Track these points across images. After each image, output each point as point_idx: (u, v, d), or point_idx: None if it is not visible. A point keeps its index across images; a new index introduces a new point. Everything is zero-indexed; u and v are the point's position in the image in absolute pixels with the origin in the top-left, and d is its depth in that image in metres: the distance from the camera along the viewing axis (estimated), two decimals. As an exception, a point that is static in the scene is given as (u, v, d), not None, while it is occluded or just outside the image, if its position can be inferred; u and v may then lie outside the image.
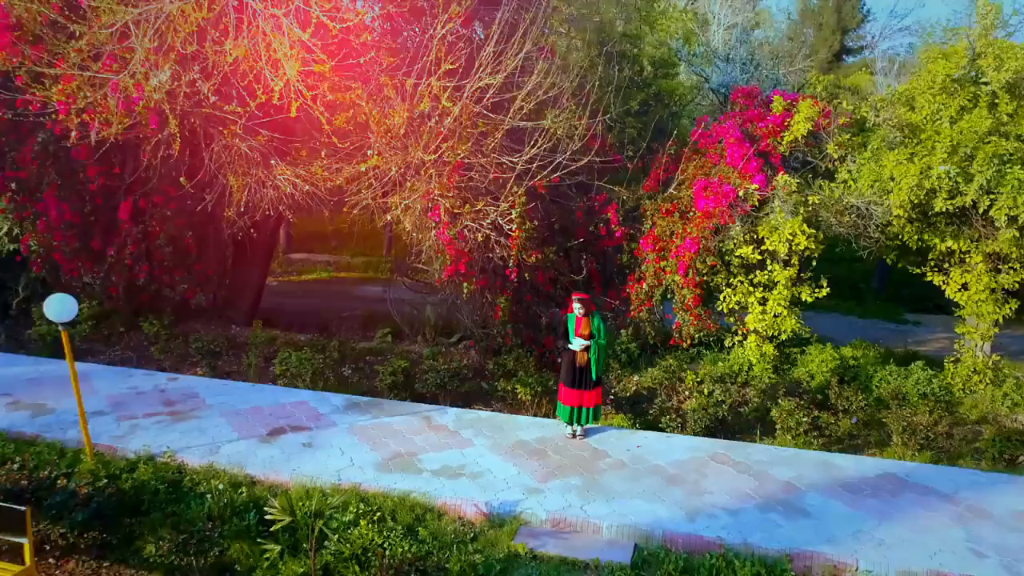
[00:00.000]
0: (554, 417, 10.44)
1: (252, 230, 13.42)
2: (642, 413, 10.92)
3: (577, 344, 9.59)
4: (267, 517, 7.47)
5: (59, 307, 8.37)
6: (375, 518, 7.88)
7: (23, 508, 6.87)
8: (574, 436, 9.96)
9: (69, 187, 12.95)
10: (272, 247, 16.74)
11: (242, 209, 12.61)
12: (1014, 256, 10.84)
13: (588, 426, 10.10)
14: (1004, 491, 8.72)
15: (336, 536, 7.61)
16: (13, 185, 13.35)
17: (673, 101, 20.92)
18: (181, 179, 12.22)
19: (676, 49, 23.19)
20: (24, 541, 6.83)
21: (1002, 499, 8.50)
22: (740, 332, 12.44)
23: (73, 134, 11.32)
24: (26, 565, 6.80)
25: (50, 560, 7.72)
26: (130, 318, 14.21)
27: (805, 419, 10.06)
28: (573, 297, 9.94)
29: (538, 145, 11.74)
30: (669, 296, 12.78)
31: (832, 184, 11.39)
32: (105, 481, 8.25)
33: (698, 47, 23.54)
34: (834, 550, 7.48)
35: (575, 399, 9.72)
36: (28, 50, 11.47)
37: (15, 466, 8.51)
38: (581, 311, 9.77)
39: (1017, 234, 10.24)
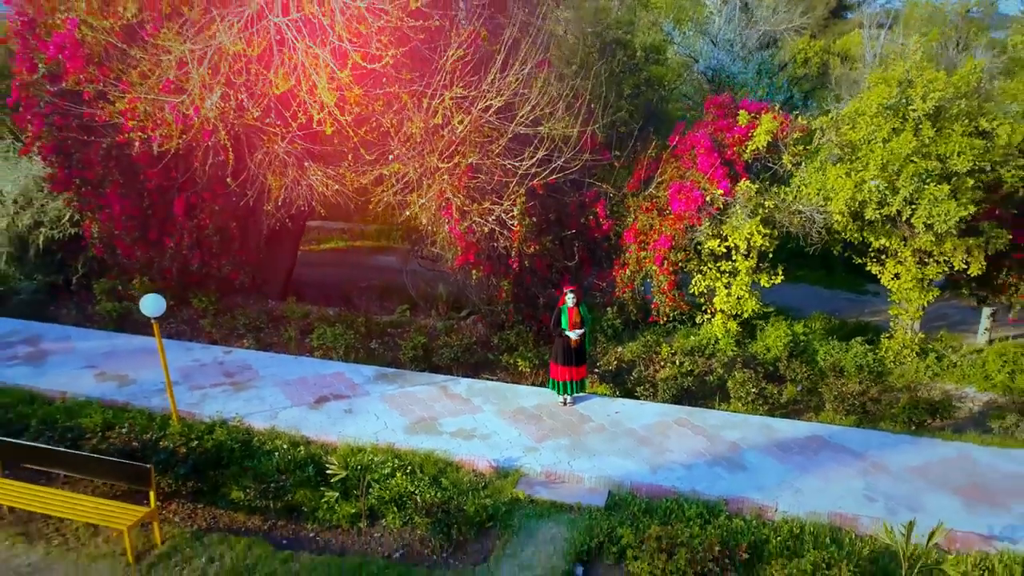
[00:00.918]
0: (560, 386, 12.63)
1: (288, 220, 15.49)
2: (622, 383, 13.12)
3: (575, 335, 11.72)
4: (327, 471, 9.72)
5: (154, 304, 10.49)
6: (407, 471, 10.15)
7: (148, 465, 9.13)
8: (565, 404, 12.19)
9: (130, 186, 14.91)
10: (301, 232, 18.71)
11: (280, 204, 14.64)
12: (936, 253, 12.88)
13: (577, 395, 12.32)
14: (905, 450, 10.97)
15: (378, 485, 9.86)
16: (77, 181, 15.30)
17: (662, 86, 22.51)
18: (228, 180, 14.16)
19: (668, 32, 24.69)
20: (150, 492, 9.10)
21: (901, 457, 10.76)
22: (709, 311, 14.56)
23: (136, 144, 13.26)
24: (151, 507, 9.08)
25: (157, 503, 9.99)
26: (180, 295, 16.32)
27: (753, 389, 12.28)
28: (566, 289, 12.02)
29: (537, 151, 13.67)
30: (649, 279, 14.87)
31: (786, 189, 13.34)
32: (196, 442, 10.50)
33: (688, 30, 24.93)
34: (761, 496, 9.77)
35: (566, 375, 11.93)
36: (96, 71, 13.30)
37: (123, 430, 10.73)
38: (573, 301, 11.88)
39: (934, 237, 12.26)
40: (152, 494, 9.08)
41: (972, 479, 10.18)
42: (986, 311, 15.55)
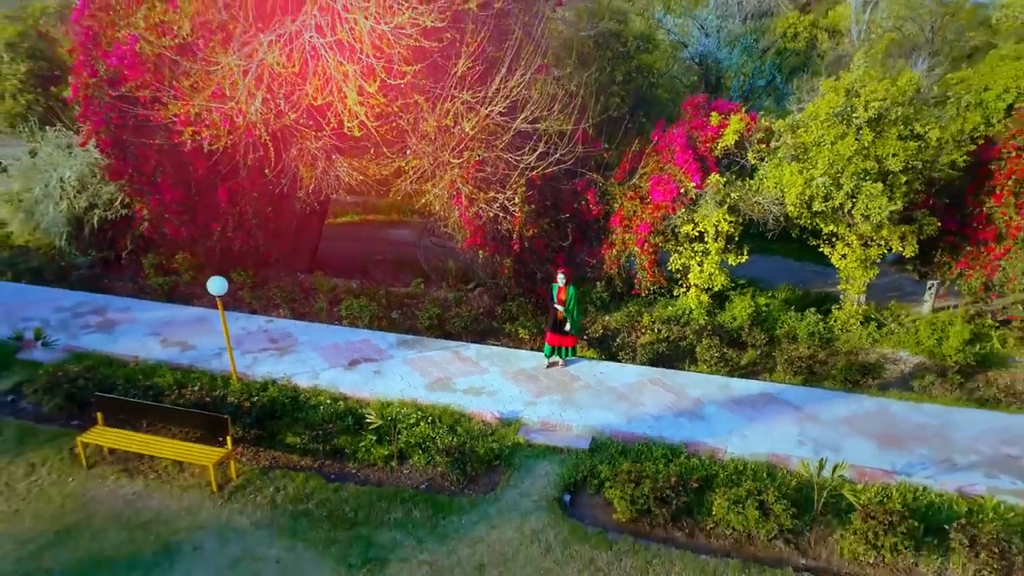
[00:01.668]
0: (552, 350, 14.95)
1: (316, 204, 17.65)
2: (607, 348, 15.42)
3: (560, 308, 13.98)
4: (365, 421, 12.09)
5: (218, 285, 12.72)
6: (429, 421, 12.51)
7: (225, 415, 11.48)
8: (556, 365, 14.50)
9: (179, 176, 17.02)
10: (326, 213, 20.81)
11: (310, 191, 16.78)
12: (876, 237, 15.05)
13: (568, 359, 14.63)
14: (836, 404, 13.32)
15: (406, 432, 12.23)
16: (132, 171, 17.39)
17: (652, 73, 24.37)
18: (266, 171, 16.28)
19: (659, 18, 26.39)
20: (227, 437, 11.47)
21: (832, 409, 13.11)
22: (684, 285, 16.80)
23: (189, 142, 15.34)
24: (228, 449, 11.45)
25: (215, 448, 12.36)
26: (221, 270, 18.53)
27: (716, 353, 14.58)
28: (559, 271, 14.22)
29: (536, 146, 15.74)
30: (633, 257, 17.07)
31: (750, 182, 15.45)
32: (255, 398, 12.84)
33: (678, 17, 26.59)
34: (714, 441, 12.14)
35: (556, 341, 14.23)
36: (152, 79, 15.32)
37: (195, 388, 13.06)
38: (563, 281, 14.10)
39: (871, 226, 14.41)
40: (229, 438, 11.44)
41: (886, 428, 12.55)
42: (929, 284, 17.75)
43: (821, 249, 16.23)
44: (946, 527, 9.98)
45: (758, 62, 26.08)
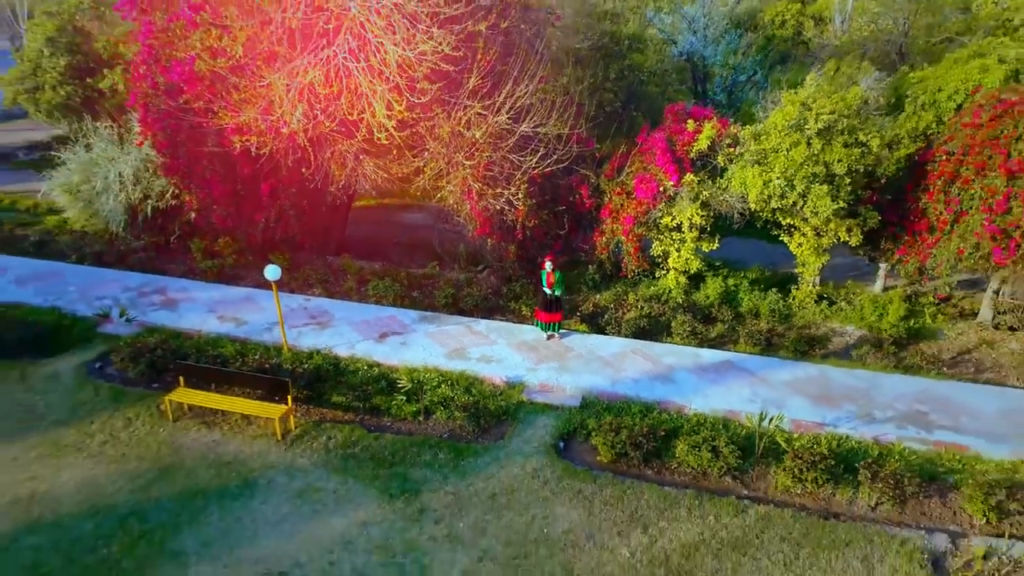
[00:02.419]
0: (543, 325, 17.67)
1: (344, 197, 20.24)
2: (597, 323, 18.12)
3: (548, 292, 16.67)
4: (397, 384, 14.86)
5: (274, 272, 15.41)
6: (449, 383, 15.26)
7: (286, 379, 14.24)
8: (548, 338, 17.21)
9: (226, 174, 19.58)
10: (351, 203, 23.34)
11: (340, 186, 19.36)
12: (826, 229, 17.66)
13: (561, 332, 17.34)
14: (784, 370, 16.06)
15: (430, 392, 14.99)
16: (184, 169, 19.94)
17: (642, 71, 26.70)
18: (303, 170, 18.83)
19: (650, 17, 28.63)
20: (287, 396, 14.23)
21: (780, 374, 15.86)
22: (665, 268, 19.43)
23: (238, 147, 17.89)
24: (288, 406, 14.21)
25: (278, 404, 15.13)
26: (261, 254, 21.19)
27: (689, 328, 17.29)
28: (547, 259, 16.86)
29: (537, 149, 18.26)
30: (621, 244, 19.68)
31: (719, 181, 18.02)
32: (305, 365, 15.59)
33: (667, 16, 28.78)
34: (681, 399, 14.90)
35: (546, 318, 16.95)
36: (206, 92, 17.83)
37: (256, 356, 15.79)
38: (550, 268, 16.75)
39: (820, 220, 17.02)
40: (289, 397, 14.21)
41: (822, 389, 15.32)
42: (882, 266, 20.36)
43: (781, 238, 18.84)
44: (857, 466, 12.77)
45: (741, 58, 28.34)
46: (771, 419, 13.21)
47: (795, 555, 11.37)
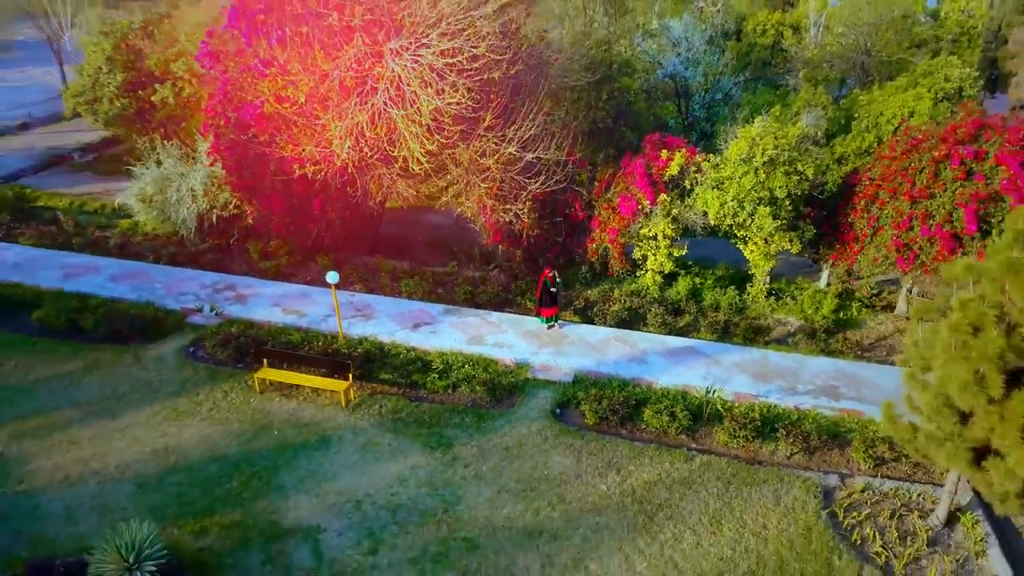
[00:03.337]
0: (544, 318, 21.98)
1: (380, 208, 24.50)
2: (587, 315, 22.46)
3: (553, 289, 21.01)
4: (431, 365, 19.25)
5: (334, 276, 19.70)
6: (471, 364, 19.65)
7: (348, 360, 18.63)
8: (549, 329, 21.56)
9: (284, 191, 23.80)
10: (383, 214, 27.57)
11: (377, 201, 23.61)
12: (771, 240, 21.93)
13: (557, 324, 21.69)
14: (734, 354, 20.42)
15: (456, 371, 19.38)
16: (248, 186, 24.13)
17: (630, 92, 30.72)
18: (348, 189, 23.06)
19: (638, 42, 32.57)
20: (349, 374, 18.62)
21: (730, 357, 20.23)
22: (644, 269, 23.72)
23: (296, 173, 22.11)
24: (350, 382, 18.61)
25: (351, 380, 19.49)
26: (309, 256, 25.49)
27: (660, 319, 21.63)
28: (548, 270, 21.14)
29: (540, 171, 22.43)
30: (608, 249, 23.94)
31: (687, 201, 22.25)
32: (357, 350, 19.98)
33: (653, 45, 32.71)
34: (650, 376, 19.30)
35: (547, 312, 21.30)
36: (270, 127, 22.00)
37: (319, 343, 20.17)
38: (551, 276, 21.04)
39: (765, 235, 21.27)
40: (351, 375, 18.61)
41: (761, 369, 19.70)
42: (824, 266, 24.63)
43: (737, 246, 23.11)
44: (778, 426, 17.19)
45: (717, 78, 32.33)
46: (714, 391, 17.63)
47: (726, 489, 15.84)
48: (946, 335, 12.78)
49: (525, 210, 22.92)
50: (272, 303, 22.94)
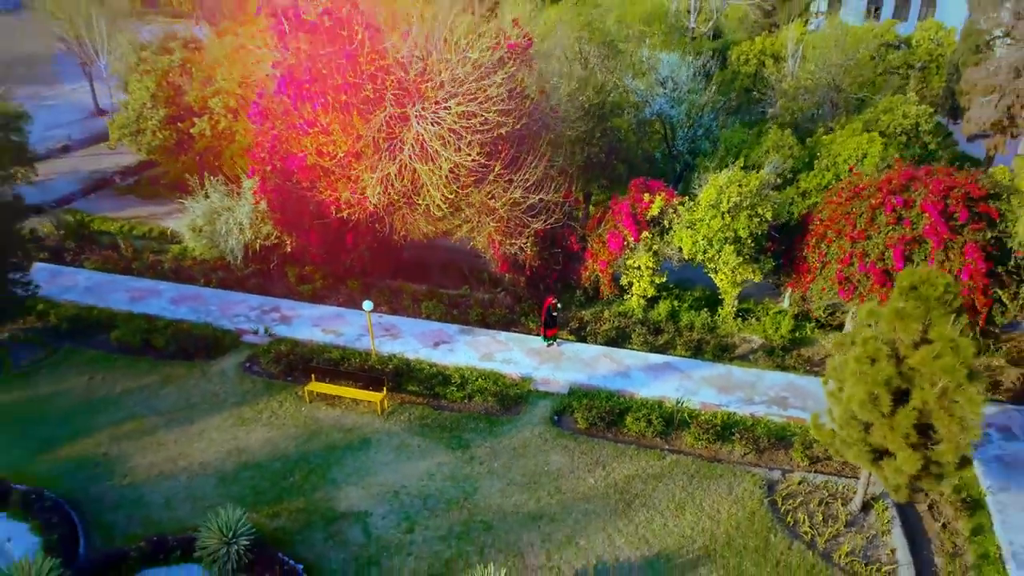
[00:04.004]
0: (546, 338, 25.88)
1: (403, 240, 28.46)
2: (581, 334, 26.39)
3: (555, 315, 24.97)
4: (451, 379, 23.22)
5: (369, 305, 23.64)
6: (482, 378, 23.63)
7: (382, 376, 22.60)
8: (548, 346, 25.51)
9: (321, 227, 27.67)
10: (406, 242, 31.44)
11: (401, 234, 27.54)
12: (737, 270, 25.83)
13: (555, 343, 25.63)
14: (703, 369, 24.37)
15: (471, 383, 23.35)
16: (289, 222, 28.02)
17: (621, 131, 34.52)
18: (377, 226, 26.98)
19: (628, 82, 36.31)
20: (383, 387, 22.59)
21: (699, 372, 24.18)
22: (630, 293, 27.65)
23: (334, 212, 26.04)
24: (384, 393, 22.57)
25: (385, 392, 23.41)
26: (340, 281, 29.41)
27: (642, 338, 25.56)
28: (551, 298, 25.07)
29: (542, 211, 26.32)
30: (599, 276, 27.86)
31: (666, 237, 26.16)
32: (389, 366, 23.93)
33: (641, 87, 36.33)
34: (632, 388, 23.26)
35: (549, 333, 25.26)
36: (312, 175, 25.92)
37: (356, 359, 24.12)
38: (553, 303, 24.98)
39: (730, 268, 25.18)
40: (385, 388, 22.57)
41: (725, 382, 23.66)
42: (785, 291, 28.52)
43: (709, 275, 27.03)
44: (735, 431, 21.16)
45: (699, 115, 36.07)
46: (683, 402, 21.63)
47: (690, 482, 19.81)
48: (852, 364, 16.75)
49: (528, 244, 26.83)
50: (312, 323, 26.88)
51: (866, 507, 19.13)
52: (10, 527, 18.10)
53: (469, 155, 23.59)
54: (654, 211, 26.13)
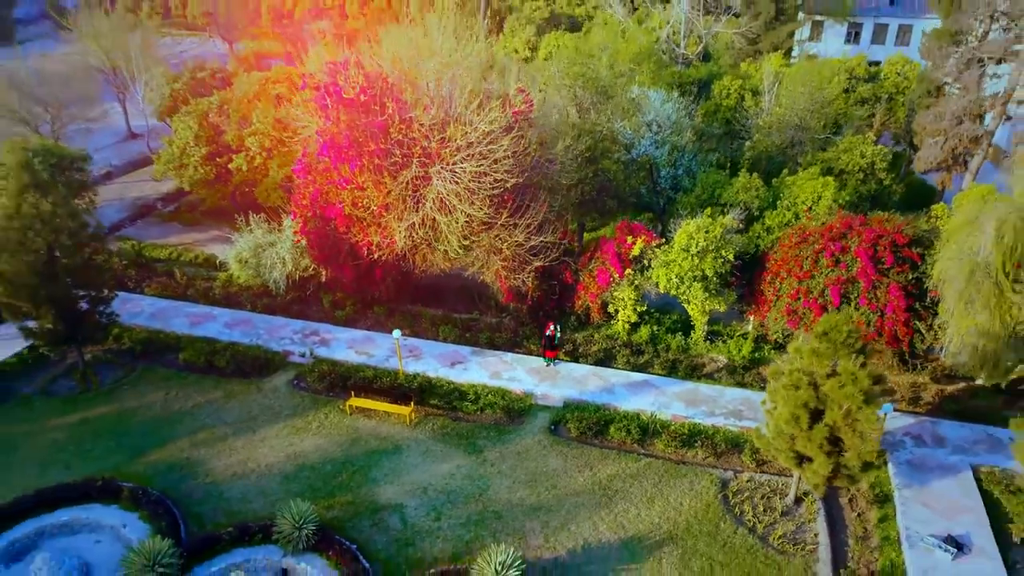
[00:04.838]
0: (547, 359, 30.76)
1: (422, 272, 33.36)
2: (574, 355, 31.28)
3: (554, 340, 29.89)
4: (466, 395, 28.15)
5: (397, 332, 28.54)
6: (492, 393, 28.56)
7: (410, 392, 27.53)
8: (547, 366, 30.43)
9: (354, 264, 32.52)
10: (424, 274, 36.31)
11: (421, 267, 32.44)
12: (704, 303, 30.68)
13: (554, 364, 30.54)
14: (675, 386, 29.25)
15: (483, 398, 28.27)
16: (326, 258, 32.87)
17: (610, 172, 39.31)
18: (401, 263, 31.85)
19: (617, 127, 41.08)
20: (412, 402, 27.51)
21: (672, 389, 29.09)
22: (617, 319, 32.53)
23: (366, 252, 30.94)
24: (412, 406, 27.47)
25: (413, 405, 28.27)
26: (367, 305, 34.30)
27: (626, 358, 30.47)
28: (550, 325, 29.98)
29: (541, 249, 31.17)
30: (589, 305, 32.74)
31: (646, 274, 31.03)
32: (415, 384, 28.85)
33: (629, 131, 41.07)
34: (617, 403, 28.18)
35: (550, 355, 30.19)
36: (347, 222, 30.81)
37: (387, 378, 29.03)
38: (552, 329, 29.88)
39: (699, 300, 30.03)
40: (413, 402, 27.49)
41: (693, 397, 28.58)
42: (750, 317, 33.36)
43: (683, 305, 31.90)
44: (697, 438, 26.09)
45: (679, 155, 40.84)
46: (656, 415, 26.59)
47: (659, 480, 24.76)
48: (781, 389, 21.68)
49: (530, 278, 31.72)
50: (347, 345, 31.78)
51: (799, 501, 24.08)
52: (123, 516, 23.02)
53: (481, 209, 28.45)
54: (635, 252, 31.01)
